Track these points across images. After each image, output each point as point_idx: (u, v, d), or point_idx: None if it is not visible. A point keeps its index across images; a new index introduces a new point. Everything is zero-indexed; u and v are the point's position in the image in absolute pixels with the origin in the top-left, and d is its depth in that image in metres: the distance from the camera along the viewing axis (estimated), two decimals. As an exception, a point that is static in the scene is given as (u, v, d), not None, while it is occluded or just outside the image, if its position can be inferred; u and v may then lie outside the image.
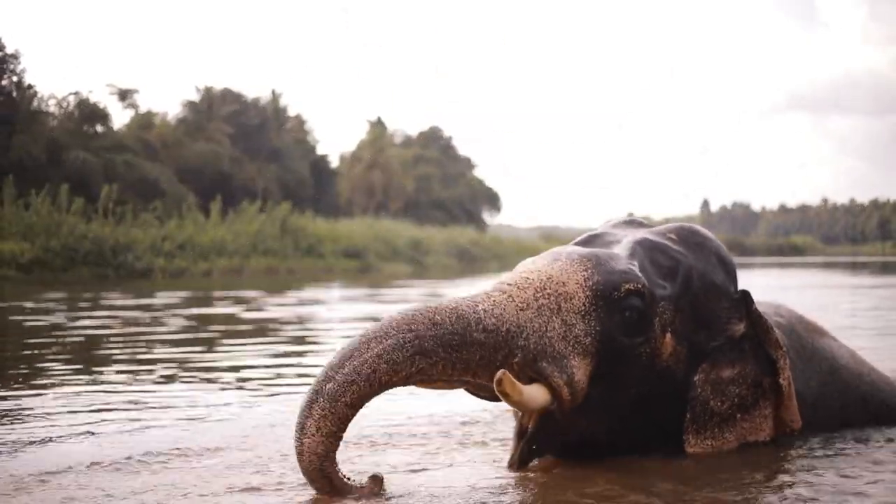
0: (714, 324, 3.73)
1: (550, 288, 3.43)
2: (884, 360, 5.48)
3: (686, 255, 3.77)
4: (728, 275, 3.86)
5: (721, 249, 3.93)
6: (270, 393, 5.78)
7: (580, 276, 3.48)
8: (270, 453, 3.95)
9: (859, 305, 14.48)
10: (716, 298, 3.76)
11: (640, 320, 3.51)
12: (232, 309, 13.75)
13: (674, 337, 3.60)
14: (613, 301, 3.46)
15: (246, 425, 4.63)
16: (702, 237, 3.93)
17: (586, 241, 3.93)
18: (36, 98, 40.02)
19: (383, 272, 35.08)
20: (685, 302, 3.67)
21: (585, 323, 3.42)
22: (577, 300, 3.44)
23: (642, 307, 3.50)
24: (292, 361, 7.58)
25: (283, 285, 22.12)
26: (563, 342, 3.38)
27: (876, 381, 4.51)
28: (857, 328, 9.92)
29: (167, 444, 4.11)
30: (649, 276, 3.60)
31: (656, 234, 3.89)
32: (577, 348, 3.39)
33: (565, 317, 3.40)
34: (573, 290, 3.45)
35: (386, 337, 3.17)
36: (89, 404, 5.23)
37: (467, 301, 3.34)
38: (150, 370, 6.80)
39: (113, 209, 29.00)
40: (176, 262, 28.65)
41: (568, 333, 3.39)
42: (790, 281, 25.23)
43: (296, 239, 36.24)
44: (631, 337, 3.50)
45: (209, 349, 8.32)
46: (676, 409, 3.64)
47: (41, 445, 4.14)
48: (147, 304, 14.54)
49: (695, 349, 3.67)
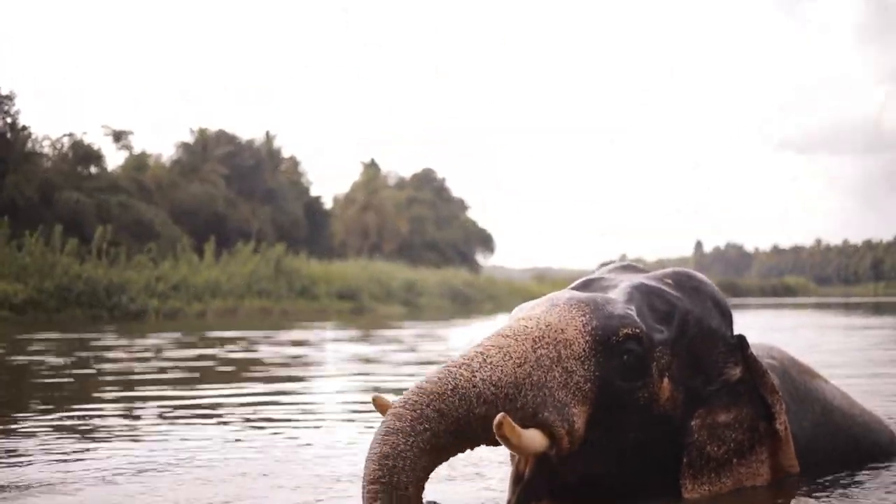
0: (710, 368, 3.72)
1: (549, 336, 3.41)
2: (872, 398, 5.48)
3: (682, 299, 3.76)
4: (724, 319, 3.85)
5: (717, 294, 3.92)
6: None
7: (579, 322, 3.46)
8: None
9: (850, 345, 14.49)
10: (712, 343, 3.75)
11: (638, 364, 3.49)
12: (217, 350, 13.71)
13: (671, 382, 3.59)
14: (612, 346, 3.45)
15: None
16: (697, 281, 3.91)
17: (583, 285, 3.92)
18: (30, 139, 40.13)
19: (377, 313, 35.07)
20: (682, 346, 3.66)
21: (585, 369, 3.40)
22: (577, 346, 3.42)
23: (640, 351, 3.49)
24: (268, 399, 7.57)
25: (276, 325, 22.09)
26: (563, 390, 3.36)
27: (868, 422, 4.52)
28: (847, 366, 9.92)
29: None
30: (646, 321, 3.59)
31: (652, 278, 3.88)
32: (577, 395, 3.38)
33: (565, 364, 3.38)
34: (572, 337, 3.43)
35: (407, 443, 3.09)
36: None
37: (464, 371, 3.25)
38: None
39: (107, 250, 28.97)
40: (170, 303, 28.62)
41: (568, 381, 3.37)
42: (784, 322, 25.25)
43: (290, 280, 36.23)
44: (629, 381, 3.48)
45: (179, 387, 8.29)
46: (673, 453, 3.62)
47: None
48: (129, 346, 14.50)
49: (691, 394, 3.66)
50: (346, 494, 3.97)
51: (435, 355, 12.30)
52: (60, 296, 25.52)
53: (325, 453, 5.01)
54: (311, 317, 29.57)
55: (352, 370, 10.48)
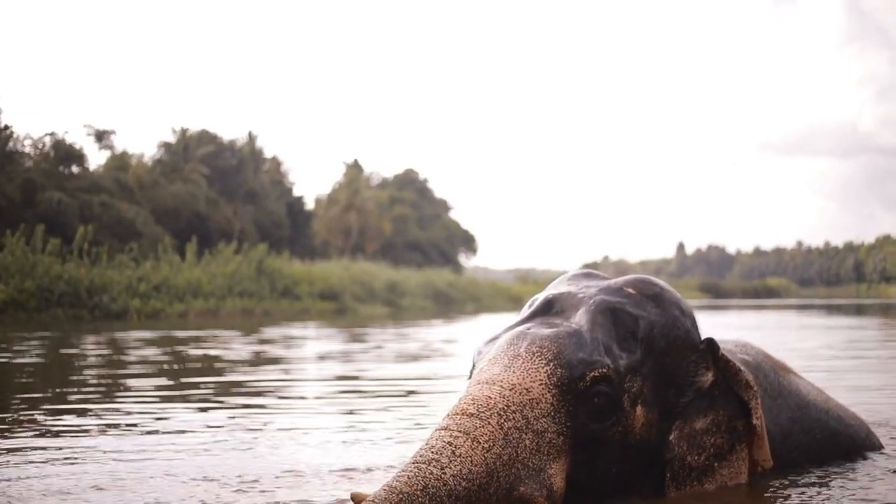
0: (682, 379, 3.68)
1: (515, 402, 3.34)
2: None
3: (646, 311, 3.70)
4: (690, 325, 3.81)
5: (680, 300, 3.87)
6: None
7: (543, 374, 3.40)
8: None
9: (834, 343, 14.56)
10: (682, 352, 3.71)
11: (609, 405, 3.45)
12: (197, 350, 13.69)
13: (644, 406, 3.55)
14: (579, 392, 3.40)
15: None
16: (659, 287, 3.86)
17: (545, 306, 3.85)
18: (11, 139, 39.91)
19: (360, 314, 35.03)
20: (651, 363, 3.61)
21: (556, 423, 3.36)
22: (545, 402, 3.37)
23: (610, 391, 3.44)
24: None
25: (259, 325, 22.04)
26: (536, 456, 3.31)
27: (842, 416, 4.56)
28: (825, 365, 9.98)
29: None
30: (612, 349, 3.54)
31: (613, 291, 3.79)
32: (551, 454, 3.33)
33: (535, 426, 3.33)
34: (539, 394, 3.37)
35: None
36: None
37: (434, 468, 3.16)
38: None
39: (88, 250, 28.84)
40: (151, 303, 28.52)
41: (540, 443, 3.32)
42: (765, 321, 25.33)
43: (272, 280, 36.14)
44: (602, 422, 3.44)
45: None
46: (656, 470, 3.61)
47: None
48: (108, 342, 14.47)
49: (666, 409, 3.63)
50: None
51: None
52: (41, 296, 25.40)
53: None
54: (293, 317, 29.52)
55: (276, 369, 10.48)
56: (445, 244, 72.10)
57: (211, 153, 53.50)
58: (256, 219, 53.20)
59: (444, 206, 75.88)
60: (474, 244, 76.57)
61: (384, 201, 68.05)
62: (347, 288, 40.52)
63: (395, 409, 6.78)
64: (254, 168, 57.27)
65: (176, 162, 51.81)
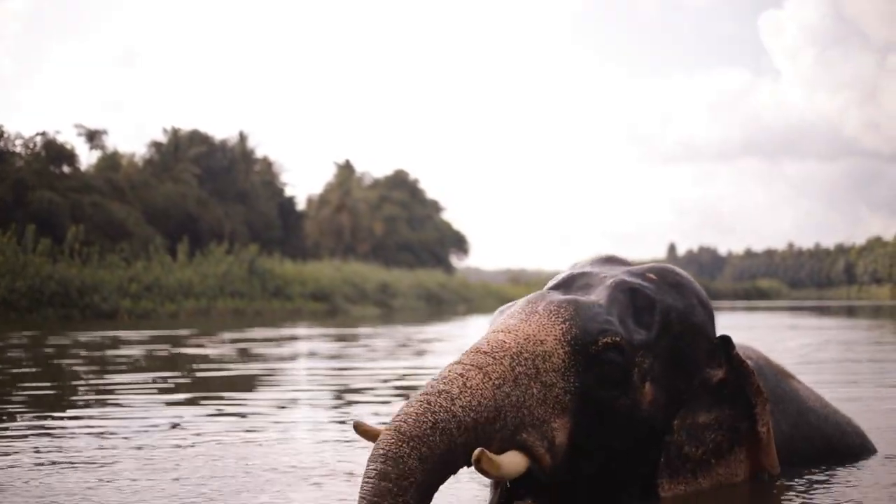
0: (693, 367, 3.69)
1: (528, 350, 3.37)
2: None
3: (664, 295, 3.71)
4: (707, 317, 3.81)
5: (700, 291, 3.88)
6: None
7: (558, 331, 3.43)
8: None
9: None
10: (695, 341, 3.71)
11: (618, 374, 3.45)
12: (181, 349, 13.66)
13: (653, 385, 3.55)
14: (591, 355, 3.41)
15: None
16: (681, 277, 3.88)
17: (565, 281, 3.88)
18: (2, 138, 39.78)
19: (351, 315, 34.99)
20: (664, 346, 3.61)
21: (565, 380, 3.37)
22: (556, 357, 3.38)
23: (620, 361, 3.45)
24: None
25: (248, 325, 22.01)
26: (542, 406, 3.32)
27: (840, 422, 4.56)
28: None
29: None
30: (627, 323, 3.55)
31: (634, 273, 3.82)
32: (556, 409, 3.34)
33: (544, 378, 3.34)
34: (551, 348, 3.39)
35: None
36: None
37: (443, 400, 3.16)
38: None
39: (79, 250, 28.77)
40: (142, 303, 28.47)
41: (547, 395, 3.33)
42: (757, 322, 25.37)
43: (263, 281, 36.10)
44: (609, 391, 3.44)
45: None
46: (656, 454, 3.60)
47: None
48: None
49: (673, 394, 3.62)
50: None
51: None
52: (32, 296, 25.32)
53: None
54: (284, 318, 29.48)
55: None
56: (437, 245, 72.00)
57: (202, 153, 53.36)
58: (248, 219, 53.09)
59: (436, 206, 75.74)
60: (466, 245, 76.43)
61: (376, 202, 67.95)
62: (339, 288, 40.51)
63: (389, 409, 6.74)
64: (245, 168, 57.14)
65: (167, 162, 51.69)
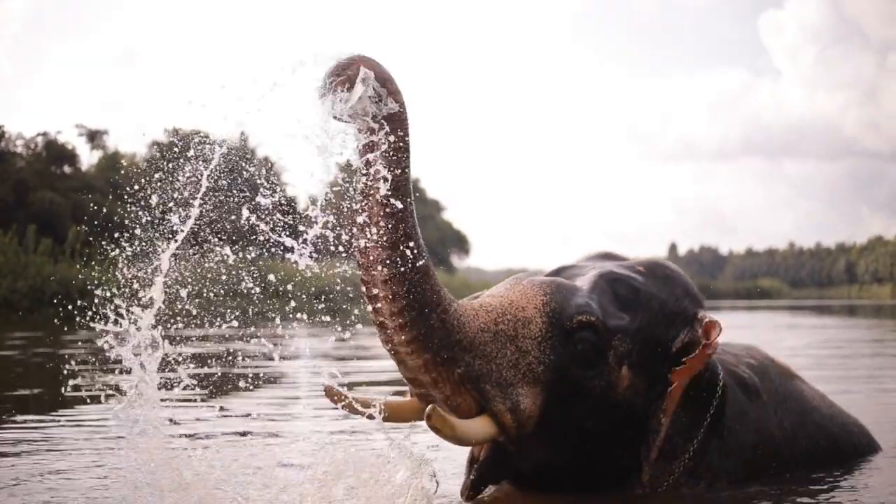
0: (670, 350, 3.67)
1: (511, 313, 3.45)
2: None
3: (650, 286, 3.73)
4: (694, 306, 3.81)
5: (690, 285, 3.88)
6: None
7: (539, 301, 3.50)
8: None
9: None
10: (674, 325, 3.71)
11: (592, 353, 3.48)
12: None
13: (631, 370, 3.56)
14: (566, 332, 3.45)
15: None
16: (670, 271, 3.89)
17: (555, 272, 3.92)
18: (4, 139, 39.85)
19: (352, 315, 34.90)
20: (646, 334, 3.62)
21: (540, 351, 3.42)
22: (535, 325, 3.44)
23: (595, 340, 3.48)
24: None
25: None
26: (512, 370, 3.37)
27: (846, 422, 4.55)
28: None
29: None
30: (606, 309, 3.57)
31: (624, 266, 3.86)
32: (527, 376, 3.39)
33: (520, 343, 3.41)
34: (531, 315, 3.46)
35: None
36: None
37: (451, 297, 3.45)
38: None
39: (81, 250, 28.80)
40: (142, 303, 28.44)
41: (520, 361, 3.39)
42: (759, 321, 25.36)
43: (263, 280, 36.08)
44: (584, 370, 3.47)
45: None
46: (636, 440, 3.61)
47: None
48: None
49: (655, 380, 3.62)
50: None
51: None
52: (33, 296, 25.34)
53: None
54: (284, 317, 29.43)
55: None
56: (438, 245, 72.01)
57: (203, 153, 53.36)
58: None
59: (437, 206, 75.91)
60: (467, 245, 76.68)
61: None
62: (341, 289, 40.46)
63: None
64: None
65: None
